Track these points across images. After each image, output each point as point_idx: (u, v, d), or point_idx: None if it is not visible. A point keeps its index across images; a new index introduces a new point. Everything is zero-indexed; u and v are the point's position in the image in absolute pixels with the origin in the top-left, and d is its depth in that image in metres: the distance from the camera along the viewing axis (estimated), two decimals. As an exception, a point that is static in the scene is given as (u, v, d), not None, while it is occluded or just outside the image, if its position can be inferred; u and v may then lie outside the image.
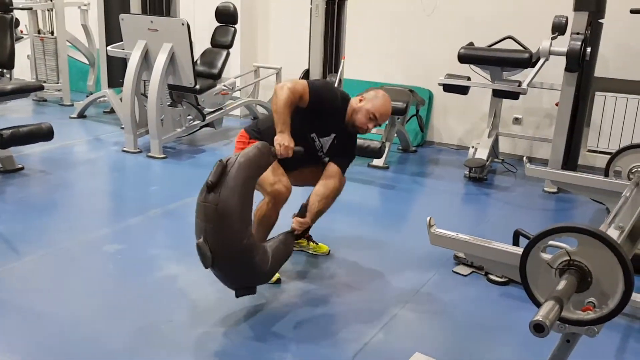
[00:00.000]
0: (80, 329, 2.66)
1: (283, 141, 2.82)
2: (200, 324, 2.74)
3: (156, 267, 3.27)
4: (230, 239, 2.52)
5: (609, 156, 3.95)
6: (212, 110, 5.98)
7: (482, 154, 5.02)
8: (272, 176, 2.96)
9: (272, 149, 2.77)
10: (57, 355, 2.48)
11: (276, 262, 2.81)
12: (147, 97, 5.39)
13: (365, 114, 3.09)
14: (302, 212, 3.10)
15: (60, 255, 3.38)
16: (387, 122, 5.44)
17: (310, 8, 5.31)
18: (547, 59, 4.62)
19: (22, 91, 4.99)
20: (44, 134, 4.75)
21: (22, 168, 4.79)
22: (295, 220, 3.04)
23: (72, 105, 7.08)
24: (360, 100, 3.13)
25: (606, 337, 2.61)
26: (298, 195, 3.29)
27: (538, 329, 1.68)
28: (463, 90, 5.21)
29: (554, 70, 4.79)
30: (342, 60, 5.53)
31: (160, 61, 5.24)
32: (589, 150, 5.43)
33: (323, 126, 3.12)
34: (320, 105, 3.00)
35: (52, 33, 7.22)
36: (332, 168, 3.17)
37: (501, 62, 4.97)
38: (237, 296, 2.73)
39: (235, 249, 2.54)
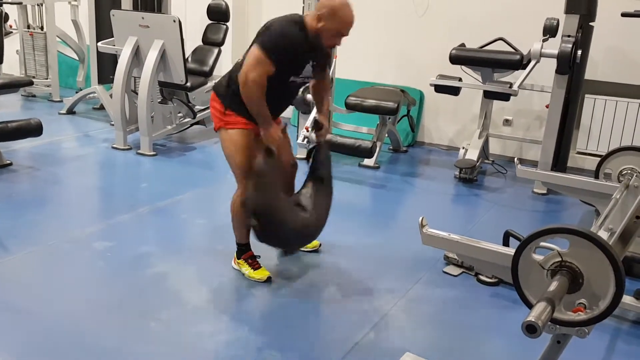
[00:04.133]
0: (68, 326, 2.64)
1: (273, 135, 2.87)
2: (189, 322, 2.72)
3: (145, 265, 3.25)
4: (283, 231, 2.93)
5: (598, 158, 3.97)
6: (202, 107, 5.96)
7: (473, 154, 5.04)
8: (246, 168, 2.93)
9: (269, 151, 2.85)
10: (45, 352, 2.46)
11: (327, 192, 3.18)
12: (137, 93, 5.37)
13: (328, 34, 2.87)
14: (315, 124, 3.21)
15: (49, 252, 3.35)
16: (378, 122, 5.46)
17: (303, 7, 5.30)
18: (538, 61, 4.64)
19: (11, 86, 4.95)
20: (33, 130, 4.72)
21: (11, 164, 4.74)
22: (319, 132, 3.18)
23: (62, 101, 7.02)
24: (319, 19, 2.84)
25: (595, 338, 2.63)
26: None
27: (530, 329, 1.68)
28: (454, 91, 5.22)
29: (544, 73, 4.82)
30: (334, 60, 5.52)
31: (151, 58, 5.21)
32: (578, 152, 5.47)
33: (296, 66, 2.96)
34: (283, 57, 2.84)
35: (41, 28, 7.16)
36: (319, 74, 3.14)
37: (492, 64, 4.99)
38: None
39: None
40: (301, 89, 3.70)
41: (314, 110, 5.22)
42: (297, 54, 2.90)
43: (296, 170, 3.28)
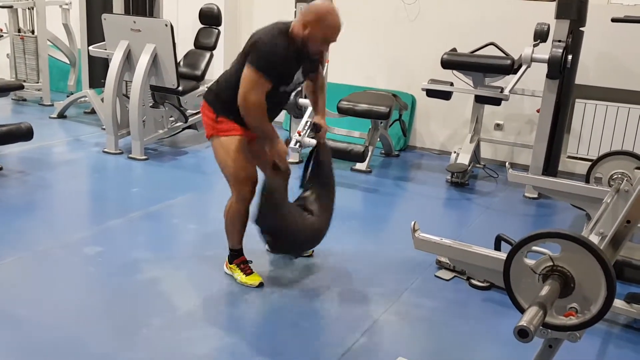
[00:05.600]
0: (59, 332, 2.62)
1: (280, 150, 2.92)
2: (180, 328, 2.71)
3: (137, 270, 3.23)
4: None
5: (588, 163, 4.00)
6: (194, 112, 5.94)
7: (464, 159, 5.05)
8: (240, 175, 2.94)
9: (276, 166, 2.97)
10: (34, 358, 2.44)
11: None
12: (129, 97, 5.35)
13: (315, 41, 2.81)
14: (313, 127, 3.26)
15: (40, 258, 3.33)
16: (370, 126, 5.47)
17: (295, 11, 5.30)
18: (528, 66, 4.66)
19: (1, 90, 4.94)
20: (23, 134, 4.68)
21: (1, 168, 4.71)
22: (318, 134, 3.23)
23: (52, 105, 6.98)
24: (305, 27, 2.79)
25: (586, 342, 2.63)
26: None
27: (522, 334, 1.69)
28: (446, 95, 5.24)
29: (535, 77, 4.85)
30: (326, 64, 5.53)
31: (142, 62, 5.20)
32: (569, 157, 5.49)
33: (286, 77, 2.94)
34: (275, 72, 2.82)
35: (32, 32, 7.13)
36: (312, 76, 3.14)
37: (483, 69, 5.01)
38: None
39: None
40: (293, 94, 3.71)
41: (307, 113, 5.23)
42: (287, 66, 2.89)
43: (289, 176, 3.28)
